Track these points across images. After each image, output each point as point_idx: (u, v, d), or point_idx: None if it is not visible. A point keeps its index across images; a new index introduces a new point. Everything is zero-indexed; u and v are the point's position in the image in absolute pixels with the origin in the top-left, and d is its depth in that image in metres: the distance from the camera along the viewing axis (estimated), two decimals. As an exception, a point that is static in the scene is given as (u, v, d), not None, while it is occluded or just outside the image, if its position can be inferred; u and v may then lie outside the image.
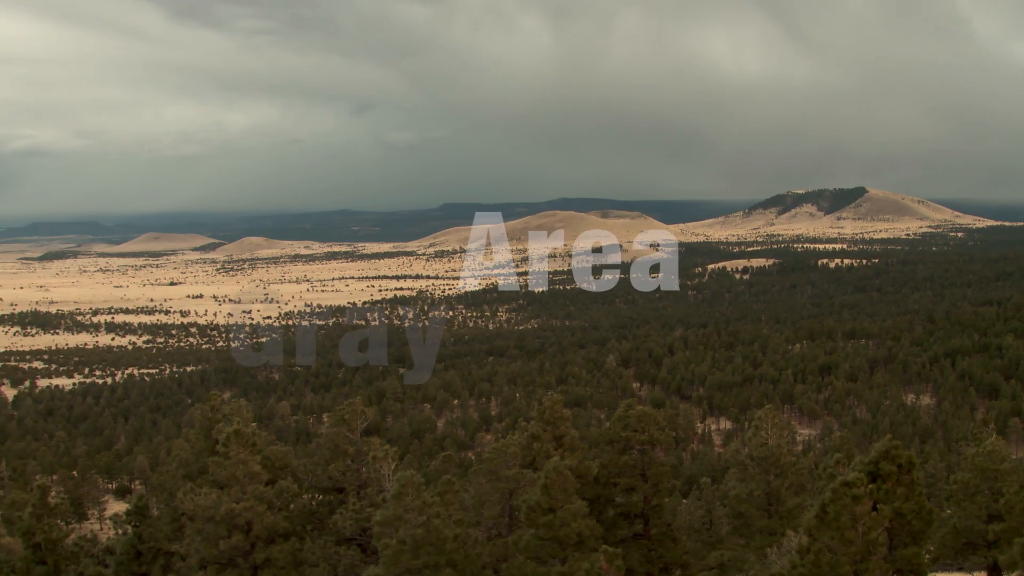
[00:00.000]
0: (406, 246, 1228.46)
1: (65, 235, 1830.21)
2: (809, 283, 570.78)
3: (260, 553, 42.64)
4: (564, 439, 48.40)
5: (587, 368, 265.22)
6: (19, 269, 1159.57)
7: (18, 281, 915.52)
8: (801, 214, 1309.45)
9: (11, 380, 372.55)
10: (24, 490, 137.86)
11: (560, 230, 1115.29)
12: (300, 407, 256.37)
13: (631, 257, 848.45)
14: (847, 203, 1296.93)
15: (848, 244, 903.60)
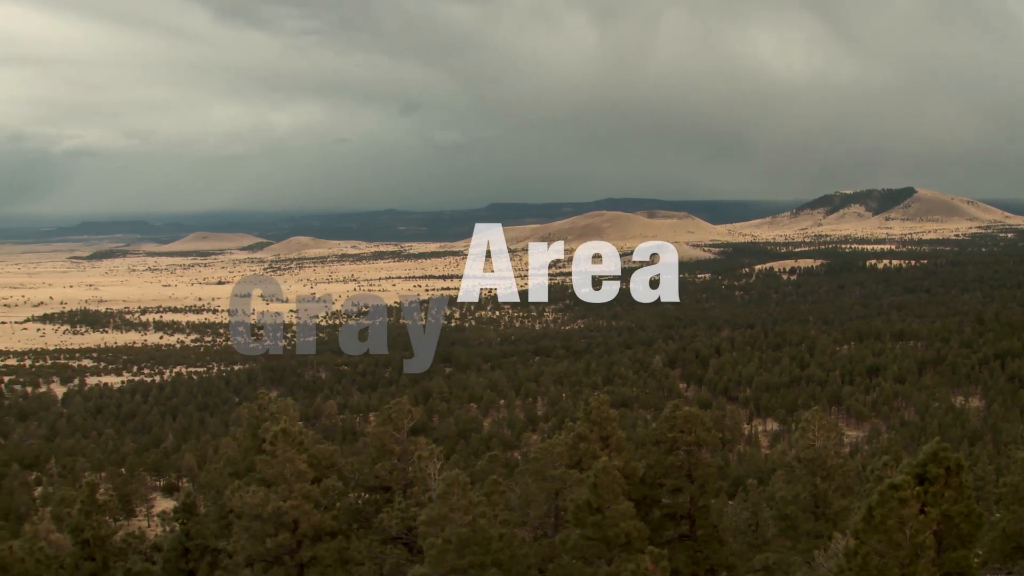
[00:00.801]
0: (452, 246, 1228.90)
1: (114, 234, 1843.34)
2: (857, 284, 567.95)
3: (306, 551, 42.78)
4: (610, 439, 48.28)
5: (633, 368, 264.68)
6: (69, 268, 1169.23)
7: (68, 280, 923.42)
8: (849, 214, 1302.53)
9: (61, 378, 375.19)
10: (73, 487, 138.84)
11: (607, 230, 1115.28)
12: (347, 406, 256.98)
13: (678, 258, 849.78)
14: (895, 203, 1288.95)
15: (896, 245, 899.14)
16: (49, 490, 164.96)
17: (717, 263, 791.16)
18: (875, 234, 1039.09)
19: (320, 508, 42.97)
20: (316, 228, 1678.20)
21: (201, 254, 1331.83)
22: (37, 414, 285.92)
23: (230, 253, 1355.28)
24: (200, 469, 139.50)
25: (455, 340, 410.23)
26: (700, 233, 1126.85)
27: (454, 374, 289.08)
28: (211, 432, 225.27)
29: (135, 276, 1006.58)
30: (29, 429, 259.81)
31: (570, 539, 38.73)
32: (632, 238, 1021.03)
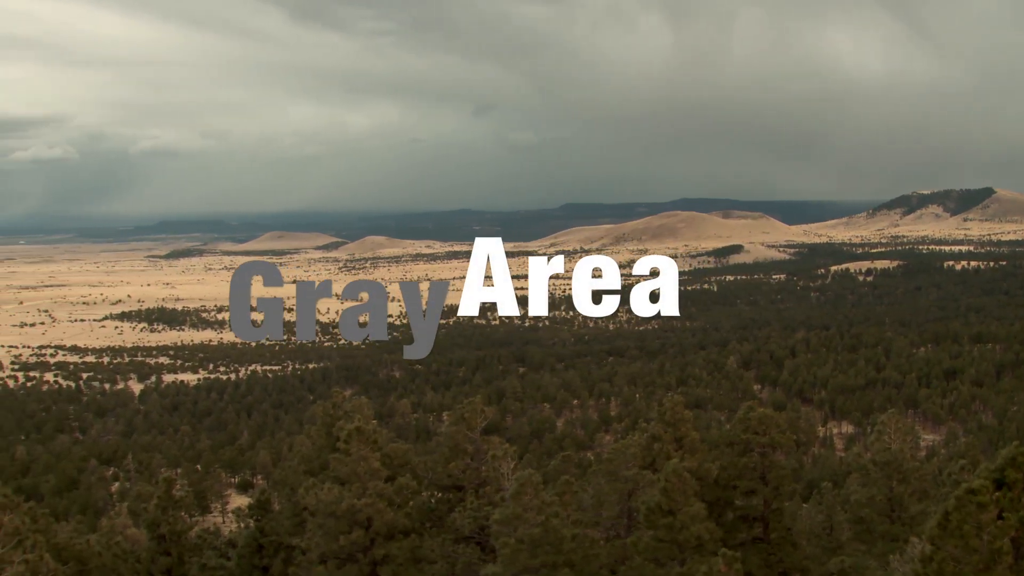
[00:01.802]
0: (527, 246, 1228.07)
1: (191, 233, 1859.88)
2: (934, 285, 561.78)
3: (379, 549, 42.92)
4: (684, 440, 48.12)
5: (707, 369, 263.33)
6: (146, 267, 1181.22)
7: (145, 278, 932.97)
8: (926, 215, 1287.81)
9: (138, 375, 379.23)
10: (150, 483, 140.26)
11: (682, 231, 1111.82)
12: (420, 405, 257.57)
13: (753, 258, 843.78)
14: (974, 204, 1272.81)
15: (975, 246, 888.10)
16: (126, 486, 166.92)
17: (792, 264, 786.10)
18: (953, 235, 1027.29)
19: (393, 506, 43.10)
20: (391, 228, 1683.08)
21: (277, 253, 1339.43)
22: (115, 411, 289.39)
23: (305, 252, 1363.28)
24: (275, 466, 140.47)
25: (529, 340, 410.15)
26: (775, 234, 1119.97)
27: (528, 374, 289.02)
28: (286, 430, 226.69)
29: (211, 275, 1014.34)
30: (107, 425, 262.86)
31: (642, 541, 38.64)
32: (707, 238, 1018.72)
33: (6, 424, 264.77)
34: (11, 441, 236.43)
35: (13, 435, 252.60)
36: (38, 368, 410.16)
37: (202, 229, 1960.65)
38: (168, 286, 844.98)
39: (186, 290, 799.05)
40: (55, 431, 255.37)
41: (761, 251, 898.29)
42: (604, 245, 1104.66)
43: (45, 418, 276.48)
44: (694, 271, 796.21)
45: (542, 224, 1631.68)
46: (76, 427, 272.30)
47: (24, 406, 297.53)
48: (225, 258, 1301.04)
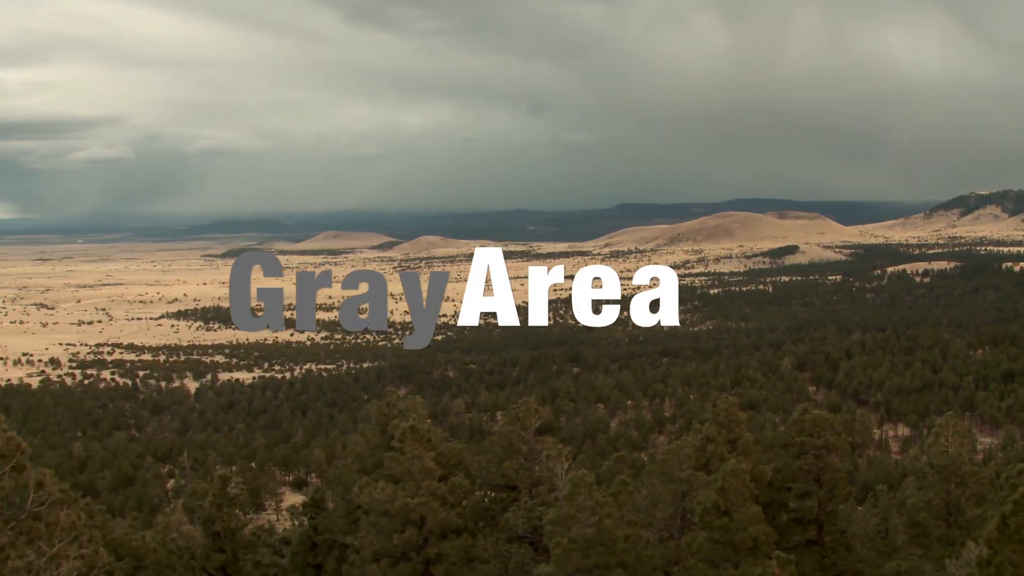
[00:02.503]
0: (581, 246, 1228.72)
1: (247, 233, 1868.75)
2: (992, 287, 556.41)
3: (433, 548, 42.99)
4: (739, 442, 47.94)
5: (762, 371, 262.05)
6: (202, 266, 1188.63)
7: (202, 277, 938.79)
8: (984, 216, 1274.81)
9: (194, 373, 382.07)
10: (205, 480, 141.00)
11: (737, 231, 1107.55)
12: (474, 404, 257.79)
13: (808, 259, 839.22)
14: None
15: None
16: (181, 483, 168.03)
17: (848, 265, 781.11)
18: (1012, 236, 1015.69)
19: (447, 505, 43.16)
20: (445, 227, 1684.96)
21: (332, 253, 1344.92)
22: (171, 408, 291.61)
23: (360, 252, 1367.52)
24: (329, 465, 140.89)
25: (583, 340, 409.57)
26: (831, 234, 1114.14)
27: (582, 374, 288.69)
28: (340, 428, 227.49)
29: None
30: (163, 423, 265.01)
31: (696, 542, 38.51)
32: (762, 239, 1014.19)
33: (64, 421, 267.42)
34: (68, 438, 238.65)
35: (70, 432, 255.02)
36: (95, 366, 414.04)
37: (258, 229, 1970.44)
38: (224, 285, 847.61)
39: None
40: (112, 428, 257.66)
41: (817, 252, 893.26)
42: (659, 246, 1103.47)
43: (102, 415, 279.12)
44: (749, 272, 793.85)
45: (596, 224, 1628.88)
46: (132, 424, 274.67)
47: (81, 403, 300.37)
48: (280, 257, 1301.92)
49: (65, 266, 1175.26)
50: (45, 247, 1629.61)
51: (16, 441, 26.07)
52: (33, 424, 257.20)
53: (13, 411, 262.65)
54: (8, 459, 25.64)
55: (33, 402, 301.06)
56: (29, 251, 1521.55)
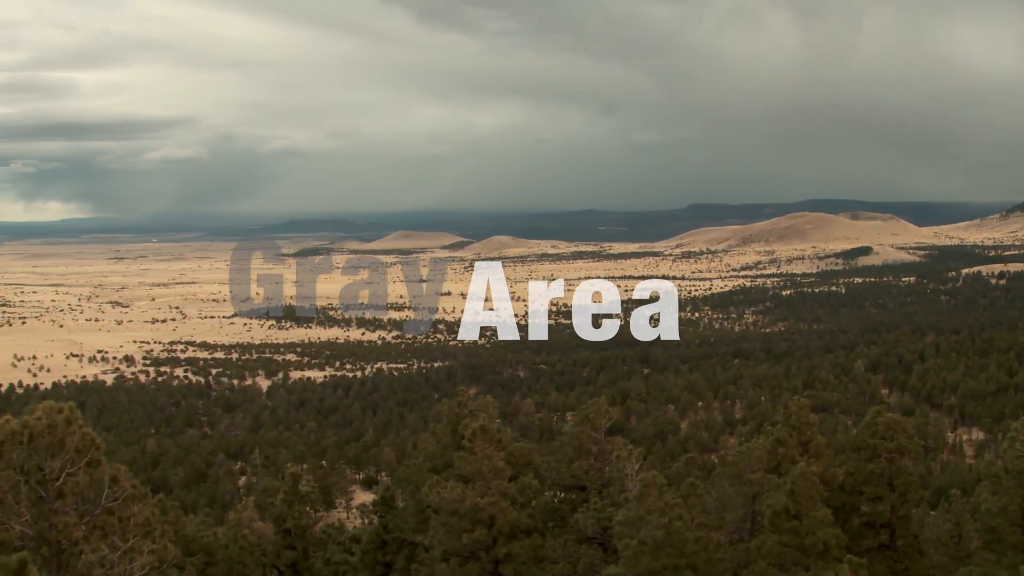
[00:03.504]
0: (652, 246, 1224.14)
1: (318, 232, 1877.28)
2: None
3: (502, 548, 43.03)
4: (810, 445, 47.67)
5: (834, 373, 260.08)
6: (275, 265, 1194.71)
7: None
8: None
9: (266, 371, 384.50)
10: (276, 478, 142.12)
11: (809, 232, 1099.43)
12: (544, 405, 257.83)
13: (881, 260, 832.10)
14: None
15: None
16: (253, 480, 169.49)
17: (922, 266, 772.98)
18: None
19: (516, 505, 43.20)
20: (516, 227, 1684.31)
21: (403, 252, 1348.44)
22: (243, 406, 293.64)
23: (431, 252, 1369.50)
24: (399, 464, 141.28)
25: (653, 341, 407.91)
26: (905, 235, 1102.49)
27: (652, 375, 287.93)
28: (410, 427, 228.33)
29: (338, 273, 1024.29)
30: (235, 420, 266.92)
31: (766, 545, 38.33)
32: (835, 240, 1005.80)
33: (137, 418, 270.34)
34: (142, 434, 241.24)
35: (144, 428, 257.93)
36: (169, 363, 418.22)
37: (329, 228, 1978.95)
38: (296, 284, 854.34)
39: (313, 288, 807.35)
40: (184, 425, 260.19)
41: (890, 253, 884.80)
42: (731, 246, 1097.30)
43: (175, 412, 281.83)
44: (822, 273, 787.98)
45: (668, 225, 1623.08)
46: (205, 422, 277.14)
47: (155, 400, 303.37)
48: (352, 257, 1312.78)
49: (139, 265, 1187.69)
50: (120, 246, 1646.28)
51: (91, 437, 26.41)
52: (107, 420, 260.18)
53: (88, 407, 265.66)
54: (83, 455, 25.98)
55: (108, 399, 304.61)
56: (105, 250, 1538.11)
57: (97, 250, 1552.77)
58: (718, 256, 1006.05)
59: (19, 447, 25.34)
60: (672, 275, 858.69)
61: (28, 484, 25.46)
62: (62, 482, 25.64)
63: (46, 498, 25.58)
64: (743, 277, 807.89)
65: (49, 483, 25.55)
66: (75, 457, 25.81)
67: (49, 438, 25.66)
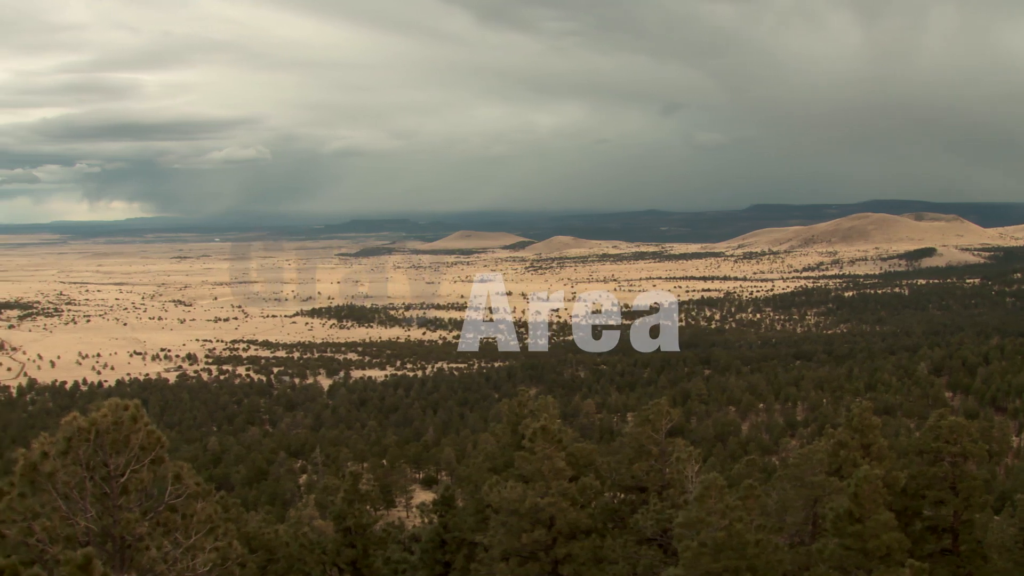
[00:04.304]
0: (714, 247, 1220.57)
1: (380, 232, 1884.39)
2: None
3: (561, 548, 43.05)
4: (872, 447, 47.39)
5: (897, 375, 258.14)
6: (337, 264, 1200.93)
7: (335, 276, 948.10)
8: None
9: (327, 370, 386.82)
10: (337, 476, 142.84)
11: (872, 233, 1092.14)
12: (605, 405, 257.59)
13: (945, 261, 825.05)
14: None
15: None
16: (313, 478, 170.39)
17: (987, 268, 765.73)
18: None
19: (576, 506, 43.19)
20: (577, 227, 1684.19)
21: (464, 252, 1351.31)
22: (304, 405, 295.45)
23: (492, 252, 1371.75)
24: (459, 463, 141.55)
25: (715, 342, 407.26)
26: (970, 236, 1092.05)
27: (713, 376, 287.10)
28: (470, 427, 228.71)
29: (399, 273, 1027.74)
30: (296, 419, 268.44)
31: (827, 548, 38.13)
32: (898, 241, 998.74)
33: (199, 416, 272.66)
34: (204, 432, 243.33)
35: (206, 426, 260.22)
36: (231, 362, 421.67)
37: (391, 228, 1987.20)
38: (357, 283, 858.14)
39: (375, 287, 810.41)
40: (246, 423, 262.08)
41: (954, 254, 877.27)
42: (793, 247, 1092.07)
43: (237, 410, 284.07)
44: (884, 274, 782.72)
45: (729, 225, 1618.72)
46: (266, 420, 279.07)
47: (217, 398, 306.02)
48: (413, 256, 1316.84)
49: (202, 264, 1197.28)
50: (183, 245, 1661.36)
51: (156, 434, 26.68)
52: (170, 418, 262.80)
53: (151, 405, 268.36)
54: (148, 452, 26.25)
55: (170, 396, 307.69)
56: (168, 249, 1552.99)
57: (160, 249, 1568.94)
58: (780, 257, 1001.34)
59: (85, 443, 25.64)
60: (733, 276, 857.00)
61: (93, 480, 25.75)
62: (127, 478, 25.92)
63: (111, 494, 25.85)
64: (805, 278, 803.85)
65: (114, 479, 25.83)
66: (140, 454, 26.09)
67: (114, 435, 25.94)
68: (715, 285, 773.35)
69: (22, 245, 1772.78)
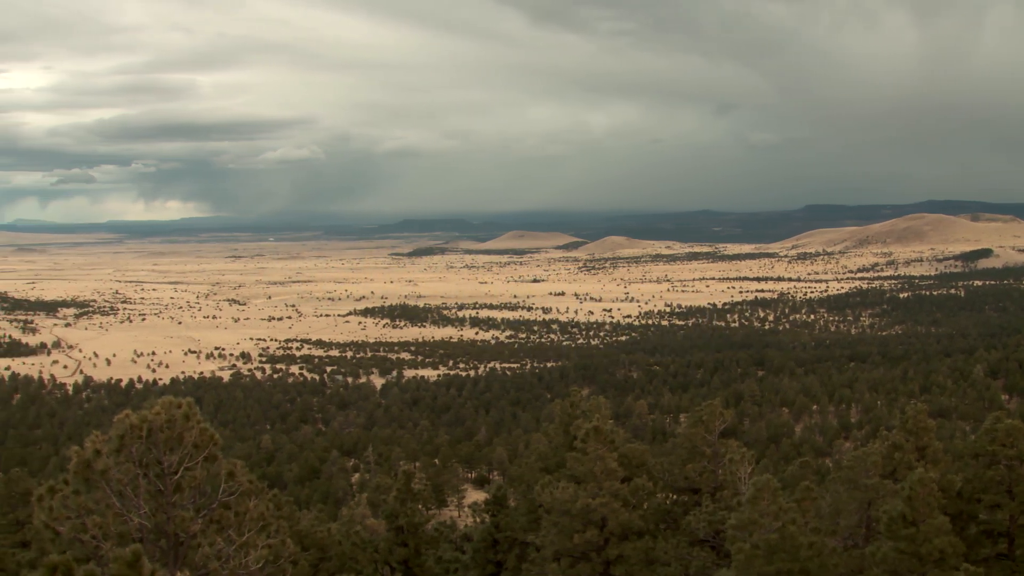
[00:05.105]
0: (768, 247, 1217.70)
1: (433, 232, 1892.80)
2: None
3: (613, 549, 42.98)
4: (927, 450, 47.03)
5: (952, 377, 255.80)
6: (390, 264, 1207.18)
7: (389, 275, 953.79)
8: None
9: (380, 370, 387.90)
10: (389, 475, 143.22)
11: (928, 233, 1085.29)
12: (657, 406, 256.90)
13: (1002, 263, 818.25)
14: None
15: None
16: (366, 477, 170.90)
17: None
18: None
19: (628, 507, 43.10)
20: (631, 228, 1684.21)
21: (517, 252, 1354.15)
22: (357, 404, 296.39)
23: (545, 252, 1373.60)
24: (511, 463, 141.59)
25: (768, 343, 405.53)
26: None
27: (766, 377, 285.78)
28: (523, 427, 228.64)
29: (453, 273, 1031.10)
30: (349, 418, 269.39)
31: (881, 551, 37.85)
32: (955, 242, 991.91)
33: (253, 413, 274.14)
34: (258, 430, 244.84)
35: (259, 425, 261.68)
36: (284, 361, 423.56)
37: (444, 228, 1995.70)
38: (410, 283, 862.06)
39: (428, 287, 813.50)
40: (299, 422, 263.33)
41: (1012, 255, 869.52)
42: (847, 248, 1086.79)
43: (290, 409, 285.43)
44: (940, 275, 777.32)
45: (783, 226, 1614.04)
46: (319, 418, 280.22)
47: (270, 397, 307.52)
48: (466, 256, 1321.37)
49: (257, 263, 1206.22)
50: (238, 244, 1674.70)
51: (209, 432, 26.80)
52: (224, 416, 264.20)
53: (205, 403, 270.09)
54: (201, 449, 26.37)
55: (224, 395, 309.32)
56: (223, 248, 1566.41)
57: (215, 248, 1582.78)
58: (834, 258, 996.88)
59: (138, 441, 25.79)
60: (787, 276, 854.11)
61: (147, 477, 25.90)
62: (180, 476, 26.06)
63: (164, 491, 25.99)
64: (859, 279, 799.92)
65: (167, 477, 25.97)
66: (193, 452, 26.23)
67: (168, 433, 26.08)
68: (769, 286, 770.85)
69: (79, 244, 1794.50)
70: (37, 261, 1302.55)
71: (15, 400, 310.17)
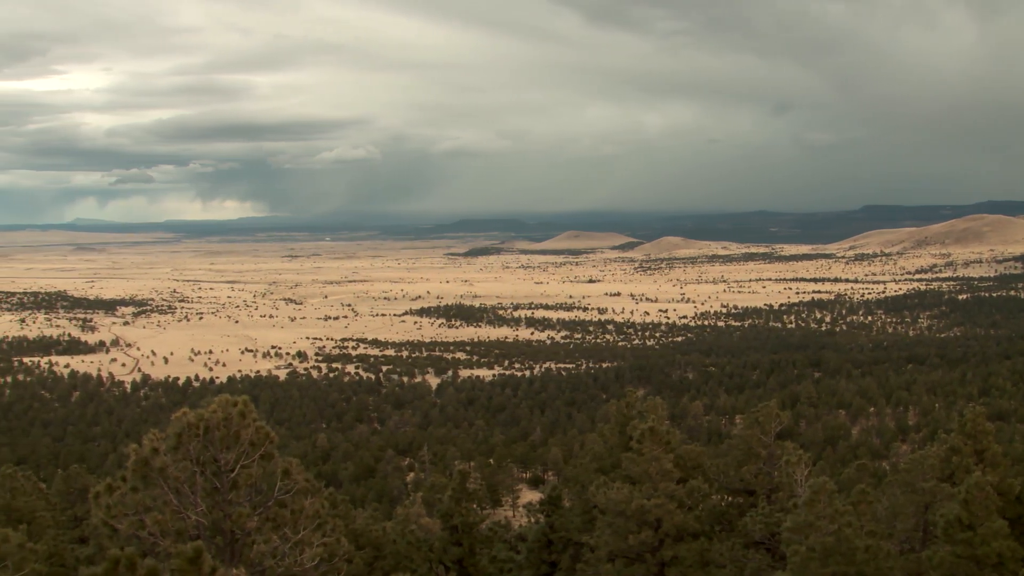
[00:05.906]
0: (825, 248, 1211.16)
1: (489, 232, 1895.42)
2: None
3: (668, 550, 42.92)
4: (986, 454, 46.66)
5: (1012, 380, 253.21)
6: (445, 264, 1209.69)
7: (444, 275, 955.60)
8: None
9: (435, 369, 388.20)
10: (444, 474, 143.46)
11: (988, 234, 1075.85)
12: (713, 407, 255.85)
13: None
14: None
15: None
16: (421, 476, 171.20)
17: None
18: None
19: (684, 508, 43.04)
20: (686, 228, 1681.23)
21: (572, 252, 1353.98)
22: (412, 403, 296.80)
23: (601, 252, 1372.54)
24: (566, 463, 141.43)
25: (825, 344, 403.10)
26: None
27: (823, 379, 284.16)
28: (578, 427, 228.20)
29: (508, 273, 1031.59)
30: (404, 417, 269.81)
31: (938, 555, 37.59)
32: (1015, 243, 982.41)
33: (309, 413, 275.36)
34: (313, 429, 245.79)
35: (315, 423, 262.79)
36: (340, 360, 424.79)
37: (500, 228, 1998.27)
38: (466, 283, 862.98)
39: (483, 287, 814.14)
40: (355, 421, 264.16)
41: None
42: (905, 248, 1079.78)
43: (346, 408, 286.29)
44: (1000, 277, 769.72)
45: (841, 226, 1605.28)
46: (375, 418, 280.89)
47: (326, 396, 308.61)
48: (522, 256, 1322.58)
49: (313, 263, 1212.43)
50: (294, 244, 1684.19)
51: (265, 431, 26.99)
52: (280, 415, 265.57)
53: (261, 401, 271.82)
54: (257, 447, 26.56)
55: (280, 393, 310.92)
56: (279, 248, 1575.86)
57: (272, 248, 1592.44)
58: (892, 259, 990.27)
59: (195, 439, 26.00)
60: (844, 277, 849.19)
61: (203, 475, 26.11)
62: (236, 474, 26.24)
63: (221, 489, 26.19)
64: (918, 280, 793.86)
65: (224, 474, 26.17)
66: (249, 450, 26.41)
67: (224, 431, 26.28)
68: (826, 287, 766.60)
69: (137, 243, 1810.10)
70: (96, 260, 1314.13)
71: (74, 397, 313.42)
